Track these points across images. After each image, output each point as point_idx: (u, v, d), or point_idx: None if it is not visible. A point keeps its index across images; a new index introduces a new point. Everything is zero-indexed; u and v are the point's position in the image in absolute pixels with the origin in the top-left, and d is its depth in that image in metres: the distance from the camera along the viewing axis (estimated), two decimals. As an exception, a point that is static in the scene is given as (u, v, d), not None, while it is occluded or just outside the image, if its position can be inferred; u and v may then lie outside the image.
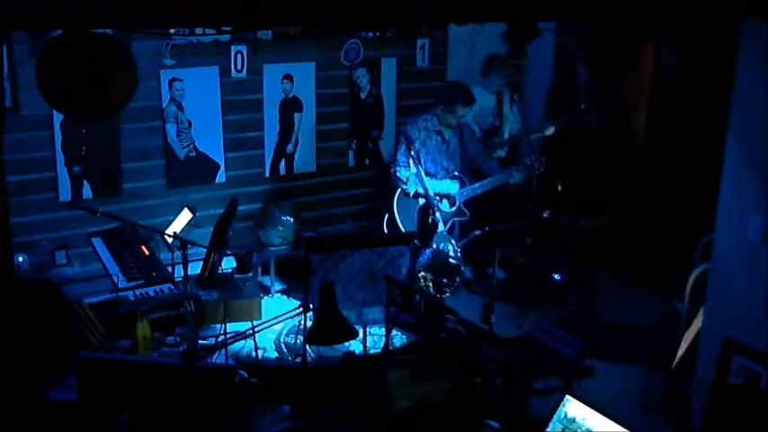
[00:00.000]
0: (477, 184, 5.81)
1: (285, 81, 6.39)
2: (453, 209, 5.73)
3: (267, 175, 6.52)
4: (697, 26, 3.76)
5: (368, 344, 5.01)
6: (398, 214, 5.74)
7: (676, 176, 6.65)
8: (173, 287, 4.69)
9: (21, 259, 5.44)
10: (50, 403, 3.36)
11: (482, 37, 7.06)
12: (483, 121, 6.32)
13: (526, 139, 6.11)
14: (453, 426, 3.35)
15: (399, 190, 5.82)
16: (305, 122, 6.56)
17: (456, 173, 5.79)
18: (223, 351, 4.52)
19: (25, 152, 5.46)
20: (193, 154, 6.14)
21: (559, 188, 6.00)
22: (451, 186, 5.79)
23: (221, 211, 5.41)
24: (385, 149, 6.83)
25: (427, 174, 5.68)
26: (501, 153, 6.39)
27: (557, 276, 6.26)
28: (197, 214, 5.49)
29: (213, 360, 4.35)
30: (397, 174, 5.76)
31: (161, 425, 3.01)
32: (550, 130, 6.25)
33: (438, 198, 5.69)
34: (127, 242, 5.17)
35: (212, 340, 4.81)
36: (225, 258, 5.12)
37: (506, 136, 6.34)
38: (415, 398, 3.32)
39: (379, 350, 4.91)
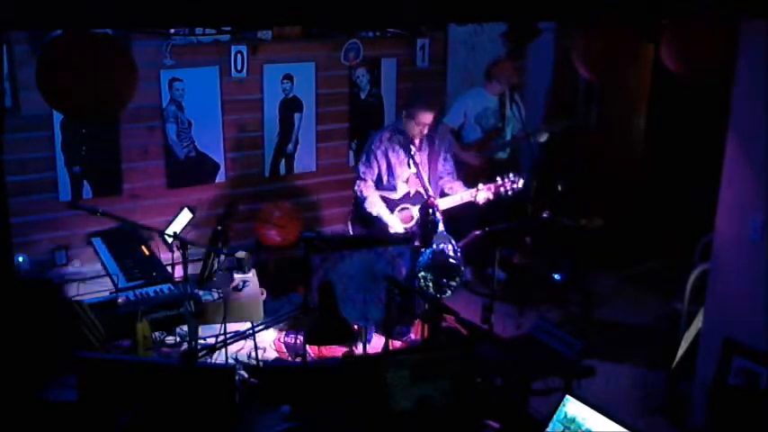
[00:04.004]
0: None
1: (285, 81, 6.39)
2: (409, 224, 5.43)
3: (267, 175, 6.52)
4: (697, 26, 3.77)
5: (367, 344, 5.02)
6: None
7: (676, 176, 6.65)
8: (173, 287, 4.69)
9: (21, 259, 5.44)
10: (50, 403, 3.36)
11: (482, 37, 7.07)
12: (485, 122, 6.32)
13: (526, 141, 6.11)
14: (453, 426, 3.35)
15: (352, 211, 5.55)
16: (305, 122, 6.56)
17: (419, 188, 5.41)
18: (223, 351, 4.52)
19: (25, 152, 5.46)
20: (193, 154, 6.15)
21: (559, 188, 6.00)
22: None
23: (221, 211, 5.41)
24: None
25: (387, 187, 5.42)
26: (503, 155, 6.38)
27: (557, 276, 6.27)
28: (196, 214, 5.49)
29: (213, 360, 4.34)
30: (356, 188, 5.43)
31: (161, 425, 3.01)
32: (544, 137, 6.23)
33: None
34: (127, 242, 5.17)
35: (212, 340, 4.82)
36: (225, 258, 5.12)
37: (508, 137, 6.34)
38: (415, 398, 3.32)
39: (379, 350, 4.91)
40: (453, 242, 5.11)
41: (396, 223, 5.36)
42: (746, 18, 3.76)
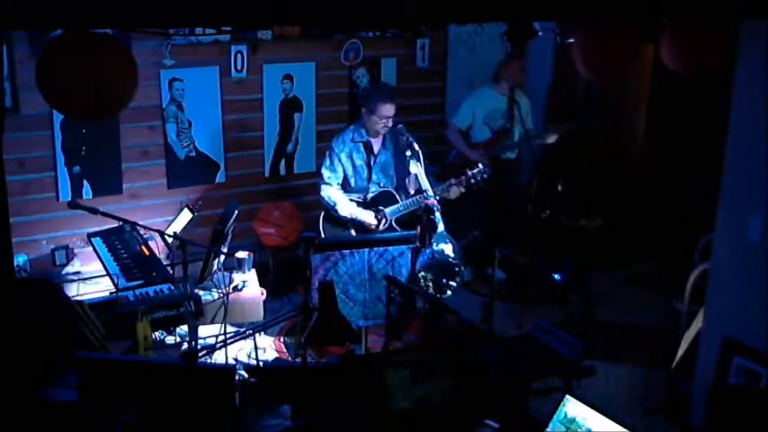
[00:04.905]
0: (401, 204, 5.33)
1: (285, 81, 6.39)
2: (384, 226, 5.36)
3: (267, 175, 6.52)
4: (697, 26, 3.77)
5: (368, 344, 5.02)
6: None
7: (676, 176, 6.65)
8: (173, 287, 4.69)
9: (21, 259, 5.44)
10: (50, 403, 3.36)
11: (482, 37, 7.07)
12: (494, 123, 6.32)
13: (527, 142, 6.11)
14: (453, 426, 3.35)
15: (324, 212, 5.44)
16: (305, 122, 6.56)
17: (388, 187, 5.38)
18: (223, 351, 4.52)
19: (25, 152, 5.46)
20: (193, 154, 6.15)
21: (559, 188, 6.00)
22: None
23: (221, 211, 5.40)
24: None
25: (355, 190, 5.35)
26: (511, 155, 6.38)
27: (557, 276, 6.26)
28: (196, 214, 5.49)
29: (213, 360, 4.34)
30: (323, 193, 5.31)
31: (161, 425, 3.01)
32: (552, 138, 6.23)
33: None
34: (127, 242, 5.17)
35: (212, 340, 4.81)
36: (224, 258, 5.12)
37: (516, 138, 6.33)
38: (415, 398, 3.32)
39: (379, 350, 4.91)
40: (453, 242, 5.10)
41: (372, 219, 5.30)
42: (746, 18, 3.76)
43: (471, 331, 4.32)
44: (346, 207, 5.28)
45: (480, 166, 5.33)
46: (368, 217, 5.30)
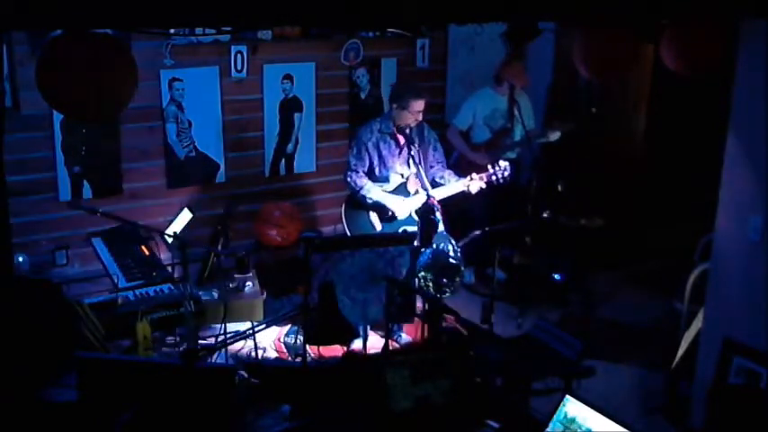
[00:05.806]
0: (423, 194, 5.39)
1: (285, 81, 6.39)
2: (403, 218, 5.41)
3: (267, 175, 6.52)
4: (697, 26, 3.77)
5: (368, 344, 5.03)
6: (348, 227, 5.46)
7: (676, 176, 6.65)
8: (173, 287, 4.69)
9: (21, 259, 5.43)
10: (50, 403, 3.36)
11: (482, 37, 7.06)
12: (494, 123, 6.31)
13: (527, 143, 6.10)
14: (453, 426, 3.35)
15: (346, 199, 5.51)
16: (305, 122, 6.56)
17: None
18: (223, 351, 4.53)
19: (25, 152, 5.46)
20: (193, 154, 6.14)
21: (559, 188, 5.99)
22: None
23: (221, 211, 5.41)
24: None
25: (378, 178, 5.41)
26: (512, 155, 6.38)
27: (557, 276, 6.26)
28: (196, 214, 5.49)
29: (213, 360, 4.34)
30: (349, 179, 5.38)
31: (161, 425, 3.01)
32: (555, 136, 6.23)
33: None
34: (127, 242, 5.18)
35: (212, 340, 4.82)
36: (225, 258, 5.13)
37: (517, 138, 6.33)
38: (415, 398, 3.32)
39: (379, 350, 4.91)
40: (453, 242, 5.10)
41: (399, 206, 5.34)
42: (746, 18, 3.76)
43: (471, 331, 4.33)
44: (372, 191, 5.33)
45: (501, 163, 5.42)
46: (393, 203, 5.34)
